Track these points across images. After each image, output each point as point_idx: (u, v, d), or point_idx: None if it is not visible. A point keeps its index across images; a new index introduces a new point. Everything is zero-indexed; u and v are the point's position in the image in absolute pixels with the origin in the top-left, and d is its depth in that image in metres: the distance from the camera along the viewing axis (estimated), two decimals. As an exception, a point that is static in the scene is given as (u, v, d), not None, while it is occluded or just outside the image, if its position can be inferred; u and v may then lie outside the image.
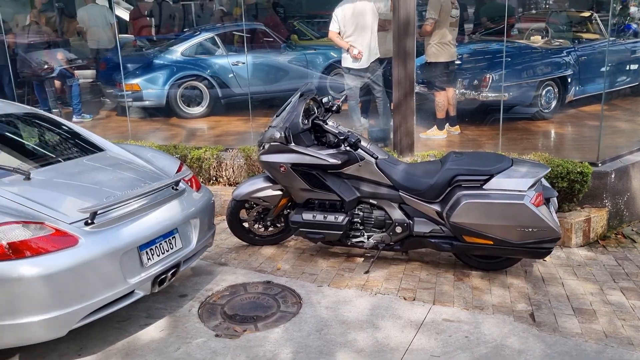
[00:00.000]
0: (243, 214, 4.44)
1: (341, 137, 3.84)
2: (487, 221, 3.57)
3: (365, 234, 4.06)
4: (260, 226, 4.46)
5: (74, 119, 7.81)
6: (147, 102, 7.88)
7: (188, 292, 3.71)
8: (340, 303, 3.55)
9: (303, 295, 3.66)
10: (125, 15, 10.88)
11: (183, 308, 3.50)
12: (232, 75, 8.08)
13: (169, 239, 3.20)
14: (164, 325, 3.31)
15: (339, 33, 5.94)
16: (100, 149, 3.69)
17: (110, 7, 8.50)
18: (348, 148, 3.87)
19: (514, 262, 3.97)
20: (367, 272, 3.98)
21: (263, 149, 4.07)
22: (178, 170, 3.68)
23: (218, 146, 5.68)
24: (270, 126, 4.12)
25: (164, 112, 7.95)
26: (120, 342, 3.12)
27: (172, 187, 3.36)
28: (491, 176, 3.61)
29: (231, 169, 5.50)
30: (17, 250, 2.58)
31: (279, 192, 4.23)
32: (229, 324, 3.33)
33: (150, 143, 5.85)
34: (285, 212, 4.36)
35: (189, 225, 3.39)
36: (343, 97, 4.77)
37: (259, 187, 4.27)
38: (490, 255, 3.89)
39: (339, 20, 5.90)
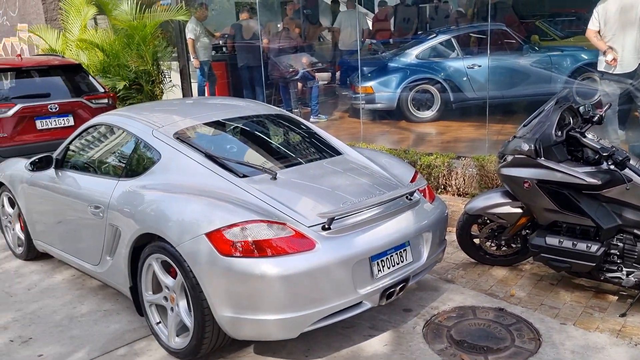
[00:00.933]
0: (474, 229, 4.12)
1: (604, 154, 3.27)
2: None
3: (623, 269, 3.41)
4: (492, 244, 4.09)
5: (311, 119, 8.29)
6: (379, 105, 7.99)
7: (412, 307, 3.54)
8: (590, 349, 3.02)
9: (542, 331, 3.21)
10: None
11: (407, 324, 3.35)
12: (466, 78, 7.73)
13: (400, 252, 3.07)
14: (388, 340, 3.19)
15: (599, 32, 5.19)
16: (338, 153, 3.73)
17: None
18: (612, 167, 3.28)
19: None
20: (623, 315, 3.34)
21: (505, 161, 3.70)
22: (412, 179, 3.53)
23: (449, 153, 5.42)
24: (515, 136, 3.72)
25: (394, 115, 7.96)
26: (344, 349, 3.10)
27: (407, 197, 3.22)
28: None
29: (462, 179, 5.20)
30: (260, 248, 2.69)
31: (519, 210, 3.81)
32: (455, 350, 3.07)
33: (380, 147, 5.87)
34: (523, 232, 3.92)
35: (421, 238, 3.21)
36: (607, 107, 4.11)
37: (496, 203, 3.90)
38: None
39: (600, 17, 5.16)
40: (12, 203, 4.56)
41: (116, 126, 3.73)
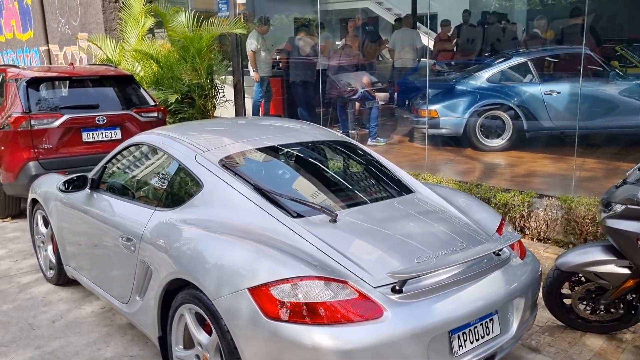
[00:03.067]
0: (565, 287, 3.46)
1: None
2: None
3: None
4: (587, 308, 3.41)
5: (369, 142, 7.75)
6: (443, 130, 7.36)
7: (492, 383, 2.91)
8: None
9: None
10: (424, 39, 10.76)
11: (487, 407, 2.72)
12: (542, 105, 7.01)
13: (486, 322, 2.47)
14: None
15: None
16: (409, 190, 3.16)
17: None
18: None
19: None
20: None
21: (612, 210, 3.04)
22: (499, 228, 2.93)
23: (530, 192, 4.75)
24: (626, 181, 3.07)
25: (459, 142, 7.32)
26: None
27: (494, 253, 2.62)
28: None
29: (544, 222, 4.52)
30: (314, 313, 2.16)
31: (626, 271, 3.13)
32: None
33: (448, 179, 5.26)
34: (628, 296, 3.24)
35: (511, 305, 2.60)
36: None
37: (596, 260, 3.23)
38: None
39: None
40: (47, 222, 4.22)
41: (157, 147, 3.29)
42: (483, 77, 7.44)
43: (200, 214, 2.77)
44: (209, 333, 2.50)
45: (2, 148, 5.72)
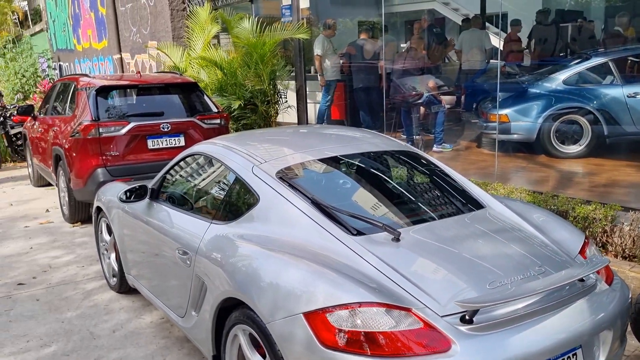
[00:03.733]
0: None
1: None
2: None
3: None
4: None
5: (434, 148, 7.46)
6: (515, 136, 6.96)
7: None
8: None
9: None
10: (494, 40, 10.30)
11: None
12: (625, 108, 6.48)
13: (568, 358, 2.20)
14: None
15: None
16: (479, 205, 2.92)
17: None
18: None
19: None
20: None
21: None
22: (582, 249, 2.64)
23: (613, 204, 4.35)
24: None
25: (531, 148, 6.90)
26: None
27: (579, 279, 2.34)
28: None
29: (629, 238, 4.11)
30: (374, 343, 1.98)
31: None
32: None
33: (521, 189, 4.92)
34: None
35: (597, 339, 2.31)
36: None
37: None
38: None
39: None
40: (110, 230, 4.26)
41: (215, 158, 3.21)
42: (559, 79, 6.97)
43: (256, 229, 2.65)
44: (263, 356, 2.37)
45: (73, 154, 5.90)
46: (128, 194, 3.60)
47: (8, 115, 9.68)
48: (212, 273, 2.67)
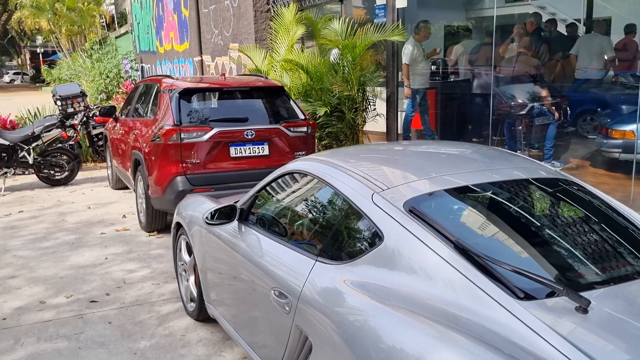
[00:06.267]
0: None
1: None
2: None
3: None
4: None
5: (542, 166, 6.60)
6: (640, 156, 6.02)
7: None
8: None
9: None
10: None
11: None
12: None
13: None
14: None
15: None
16: (675, 260, 2.17)
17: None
18: None
19: None
20: None
21: None
22: None
23: None
24: None
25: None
26: None
27: None
28: None
29: None
30: None
31: None
32: None
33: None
34: None
35: None
36: None
37: None
38: None
39: None
40: (190, 249, 3.80)
41: (321, 178, 2.64)
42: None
43: (378, 278, 2.05)
44: None
45: (153, 160, 5.55)
46: (214, 214, 3.09)
47: (91, 115, 9.64)
48: (320, 330, 2.10)
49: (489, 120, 6.93)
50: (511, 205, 2.39)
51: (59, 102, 9.30)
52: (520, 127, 6.82)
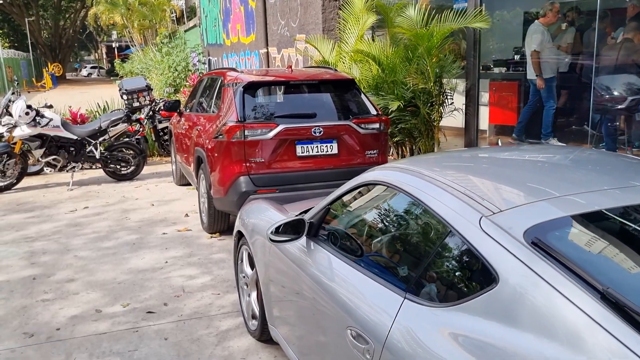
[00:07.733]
0: None
1: None
2: None
3: None
4: None
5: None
6: None
7: None
8: None
9: None
10: None
11: None
12: None
13: None
14: None
15: None
16: None
17: None
18: None
19: None
20: None
21: None
22: None
23: None
24: None
25: None
26: None
27: None
28: None
29: None
30: None
31: None
32: None
33: None
34: None
35: None
36: None
37: None
38: None
39: None
40: (252, 261, 3.42)
41: (409, 193, 2.15)
42: None
43: (492, 335, 1.56)
44: None
45: (215, 158, 5.23)
46: (280, 229, 2.67)
47: (157, 109, 9.55)
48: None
49: (585, 114, 6.16)
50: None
51: (124, 96, 9.26)
52: (615, 124, 6.01)
